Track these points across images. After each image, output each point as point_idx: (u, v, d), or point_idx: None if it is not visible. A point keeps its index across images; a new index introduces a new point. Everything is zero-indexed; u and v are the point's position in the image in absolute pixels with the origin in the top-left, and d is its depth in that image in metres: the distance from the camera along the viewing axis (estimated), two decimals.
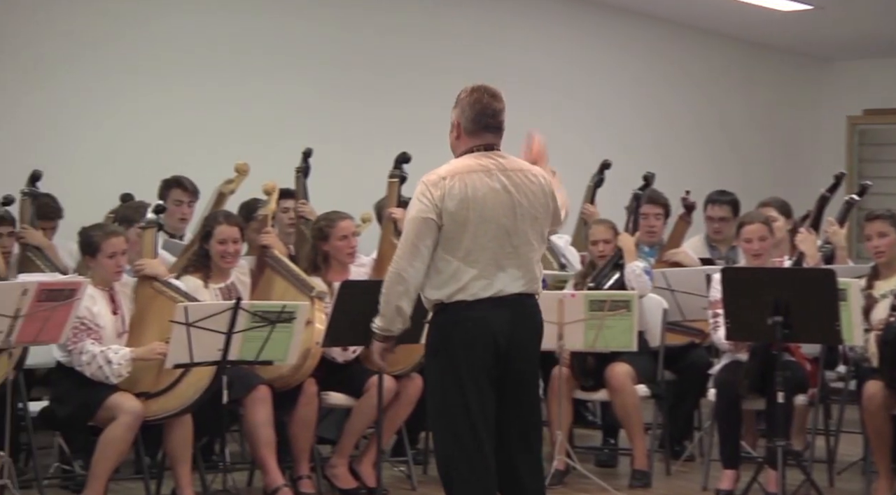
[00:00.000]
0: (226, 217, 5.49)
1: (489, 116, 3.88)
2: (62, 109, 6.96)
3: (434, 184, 3.84)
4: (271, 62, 7.69)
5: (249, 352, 4.92)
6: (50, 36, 6.95)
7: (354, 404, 5.46)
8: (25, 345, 4.75)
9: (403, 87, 8.14)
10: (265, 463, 5.20)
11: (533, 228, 3.87)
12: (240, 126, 7.45)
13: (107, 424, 4.89)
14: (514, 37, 8.77)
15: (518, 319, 3.83)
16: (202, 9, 7.53)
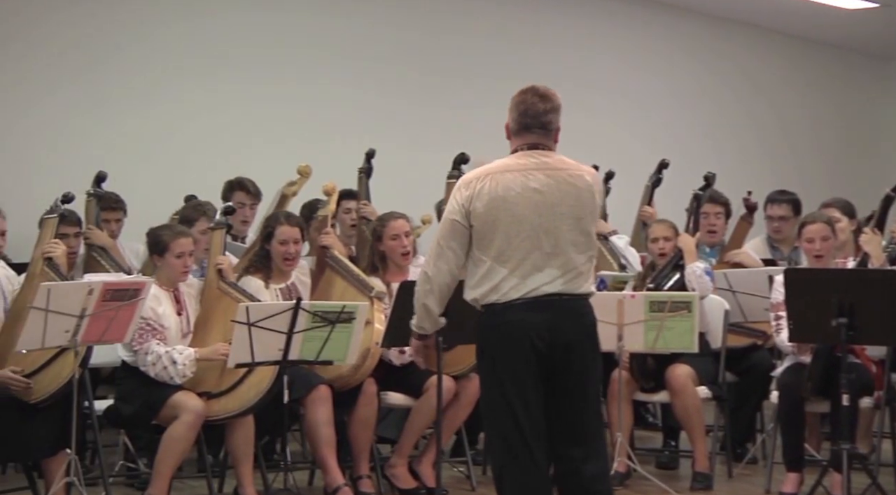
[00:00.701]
0: (287, 218, 5.53)
1: (531, 117, 3.86)
2: (127, 111, 7.08)
3: (465, 184, 3.86)
4: (335, 63, 7.76)
5: (310, 352, 4.96)
6: (113, 37, 7.08)
7: (414, 404, 5.47)
8: (91, 344, 4.83)
9: (463, 89, 8.16)
10: (326, 462, 5.23)
11: (574, 228, 3.82)
12: (303, 127, 7.53)
13: (170, 423, 4.95)
14: (571, 37, 8.75)
15: (559, 320, 3.77)
16: (272, 7, 7.61)
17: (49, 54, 6.91)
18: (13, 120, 6.82)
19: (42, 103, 6.89)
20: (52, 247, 5.05)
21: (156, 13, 7.25)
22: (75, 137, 6.93)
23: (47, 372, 4.83)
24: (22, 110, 6.85)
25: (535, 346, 3.74)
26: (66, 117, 6.94)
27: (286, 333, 4.85)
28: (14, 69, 6.85)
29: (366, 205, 6.22)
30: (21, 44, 6.87)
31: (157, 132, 7.12)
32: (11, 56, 6.84)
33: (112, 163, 6.35)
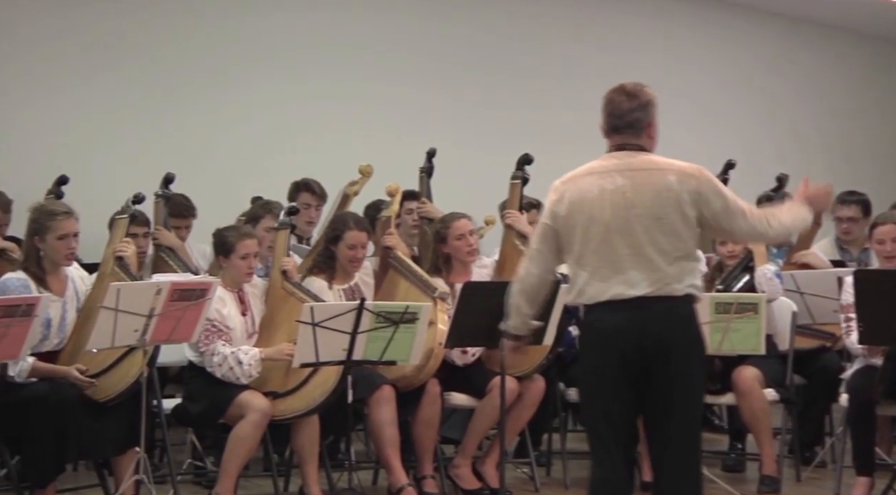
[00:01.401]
0: (356, 222, 5.55)
1: (618, 117, 3.80)
2: (194, 112, 7.19)
3: (554, 188, 3.84)
4: (398, 62, 7.79)
5: (373, 352, 4.98)
6: (179, 39, 7.19)
7: (477, 405, 5.47)
8: (159, 343, 4.90)
9: (526, 90, 8.15)
10: (389, 462, 5.26)
11: (654, 228, 3.73)
12: (366, 126, 7.58)
13: (236, 422, 5.01)
14: (631, 37, 8.69)
15: (646, 323, 3.69)
16: (335, 6, 7.68)
17: (113, 58, 7.04)
18: (82, 123, 6.95)
19: (111, 106, 7.02)
20: (124, 246, 5.13)
21: (219, 13, 7.35)
22: (144, 139, 7.05)
23: (116, 371, 4.91)
24: (91, 114, 6.98)
25: (619, 350, 3.68)
26: (135, 119, 7.06)
27: (350, 333, 4.88)
28: (84, 74, 6.98)
29: (424, 203, 6.22)
30: (87, 49, 6.99)
31: (223, 133, 7.22)
32: (81, 62, 6.97)
33: (180, 164, 6.44)
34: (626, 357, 3.70)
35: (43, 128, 6.85)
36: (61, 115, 6.92)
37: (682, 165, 3.81)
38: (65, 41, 6.97)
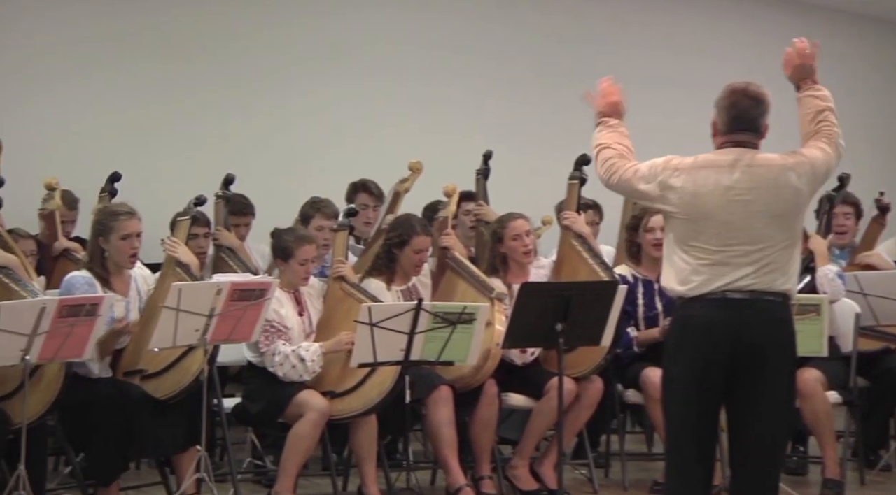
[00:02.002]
0: (423, 227, 5.56)
1: (741, 119, 3.78)
2: (253, 113, 7.27)
3: (665, 166, 3.78)
4: (455, 64, 7.81)
5: (431, 353, 4.99)
6: (238, 40, 7.28)
7: (535, 405, 5.46)
8: (219, 343, 4.95)
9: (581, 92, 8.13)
10: (447, 462, 5.26)
11: (770, 225, 3.71)
12: (422, 127, 7.61)
13: (295, 421, 5.05)
14: (687, 39, 8.62)
15: (745, 319, 3.66)
16: (393, 7, 7.72)
17: (174, 56, 7.14)
18: (143, 121, 7.05)
19: (173, 107, 7.12)
20: (170, 246, 5.20)
21: (277, 14, 7.43)
22: (204, 138, 7.14)
23: (177, 370, 4.98)
24: (154, 116, 7.08)
25: (715, 345, 3.65)
26: (195, 118, 7.16)
27: (408, 334, 4.89)
28: (147, 74, 7.09)
29: (480, 205, 6.22)
30: (148, 48, 7.10)
31: (281, 132, 7.30)
32: (143, 61, 7.08)
33: (238, 162, 6.51)
34: (723, 354, 3.65)
35: (103, 128, 6.96)
36: (122, 113, 7.03)
37: (789, 158, 3.80)
38: (125, 39, 7.07)
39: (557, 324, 4.79)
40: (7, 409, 4.70)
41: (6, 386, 4.79)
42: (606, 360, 5.47)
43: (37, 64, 6.84)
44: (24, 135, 6.38)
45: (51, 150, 6.67)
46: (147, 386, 4.96)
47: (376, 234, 6.06)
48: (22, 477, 4.50)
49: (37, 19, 6.91)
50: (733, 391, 3.68)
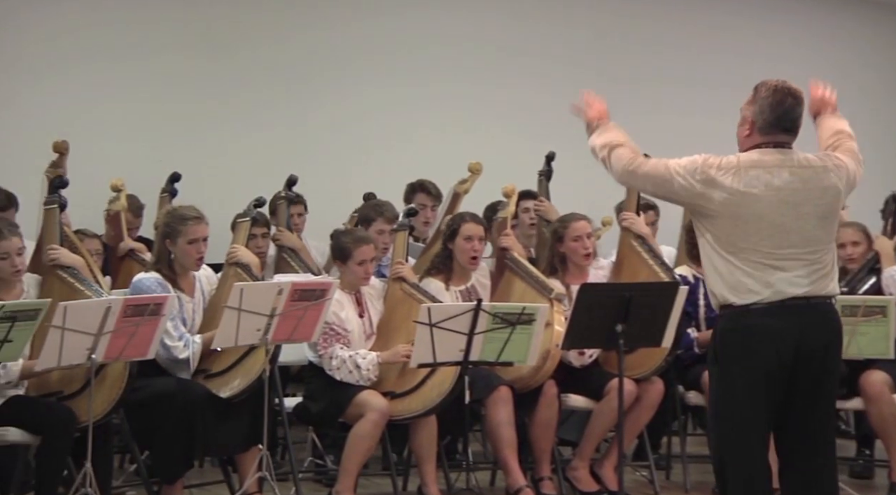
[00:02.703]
0: (472, 216, 5.60)
1: (790, 120, 3.74)
2: (309, 114, 7.33)
3: (707, 164, 3.72)
4: (517, 65, 7.82)
5: (490, 353, 4.99)
6: (297, 39, 7.34)
7: (595, 407, 5.44)
8: (281, 343, 5.00)
9: (642, 95, 8.09)
10: (507, 463, 5.26)
11: (818, 227, 3.68)
12: (483, 128, 7.62)
13: (356, 421, 5.07)
14: (756, 41, 8.52)
15: (805, 324, 3.62)
16: (456, 7, 7.74)
17: (232, 55, 7.23)
18: (204, 126, 7.14)
19: (231, 110, 7.20)
20: (233, 251, 5.26)
21: (338, 12, 7.48)
22: (262, 136, 7.22)
23: (239, 369, 5.02)
24: (211, 116, 7.17)
25: (777, 353, 3.60)
26: (251, 120, 7.23)
27: (467, 334, 4.90)
28: (206, 79, 7.18)
29: (542, 202, 6.20)
30: (206, 47, 7.18)
31: (338, 133, 7.35)
32: (201, 61, 7.17)
33: (295, 160, 6.57)
34: (783, 361, 3.61)
35: (163, 129, 7.06)
36: (181, 115, 7.12)
37: (827, 160, 3.76)
38: (182, 41, 7.17)
39: (617, 325, 4.77)
40: (74, 408, 4.78)
41: (73, 385, 4.87)
42: (667, 362, 5.43)
43: (100, 71, 6.95)
44: (89, 136, 6.48)
45: (114, 151, 6.77)
46: (210, 386, 5.02)
47: (435, 235, 6.07)
48: (88, 474, 4.58)
49: (104, 27, 7.03)
50: (792, 395, 3.64)
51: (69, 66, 6.88)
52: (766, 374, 3.62)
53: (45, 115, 6.69)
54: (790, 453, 3.72)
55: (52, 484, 4.75)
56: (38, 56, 6.82)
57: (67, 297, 4.75)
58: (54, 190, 5.18)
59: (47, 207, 5.16)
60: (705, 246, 3.75)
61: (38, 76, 6.81)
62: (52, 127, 6.27)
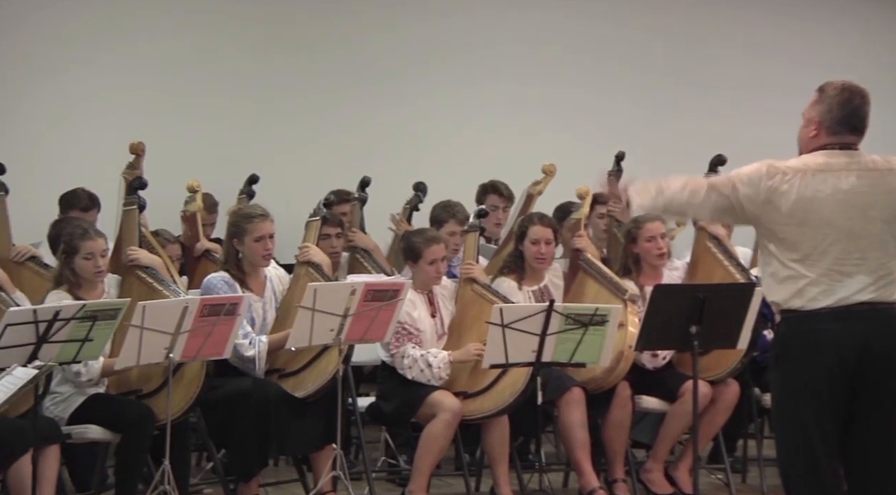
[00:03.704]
0: (540, 218, 5.59)
1: (858, 118, 3.66)
2: (383, 116, 7.38)
3: (770, 172, 3.60)
4: (588, 66, 7.80)
5: (563, 354, 4.98)
6: (363, 40, 7.40)
7: (669, 409, 5.40)
8: (354, 343, 5.03)
9: (712, 98, 8.03)
10: (580, 464, 5.24)
11: (886, 231, 3.58)
12: (554, 130, 7.60)
13: (428, 421, 5.09)
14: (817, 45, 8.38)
15: (872, 331, 3.52)
16: (524, 8, 7.73)
17: (308, 55, 7.29)
18: (278, 123, 7.22)
19: (304, 111, 7.27)
20: (304, 250, 5.30)
21: (410, 14, 7.51)
22: (337, 138, 7.28)
23: (313, 369, 5.07)
24: (285, 118, 7.25)
25: (842, 360, 3.51)
26: (325, 121, 7.30)
27: (539, 335, 4.89)
28: (279, 80, 7.25)
29: (616, 203, 6.16)
30: (279, 48, 7.26)
31: (410, 131, 7.39)
32: (276, 62, 7.24)
33: (369, 162, 6.61)
34: (849, 368, 3.52)
35: (239, 129, 7.15)
36: (257, 114, 7.20)
37: (888, 161, 3.66)
38: (257, 41, 7.25)
39: (692, 327, 4.72)
40: (152, 406, 4.86)
41: (151, 384, 4.96)
42: (742, 364, 5.37)
43: (177, 73, 7.07)
44: (166, 138, 6.59)
45: (191, 153, 6.87)
46: (285, 385, 5.07)
47: (508, 236, 6.07)
48: (167, 471, 4.66)
49: (180, 30, 7.14)
50: (856, 402, 3.55)
51: (146, 68, 7.00)
52: (828, 380, 3.53)
53: (122, 116, 6.82)
54: (855, 459, 3.63)
55: (132, 481, 4.84)
56: (114, 58, 6.94)
57: (146, 297, 4.84)
58: (133, 191, 5.28)
59: (126, 209, 5.26)
60: (767, 253, 3.66)
61: (115, 78, 6.93)
62: (129, 128, 6.39)
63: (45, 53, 6.81)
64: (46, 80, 6.78)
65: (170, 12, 7.11)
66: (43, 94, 6.78)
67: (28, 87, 6.77)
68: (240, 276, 5.13)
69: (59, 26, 6.90)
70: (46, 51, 6.81)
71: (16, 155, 5.71)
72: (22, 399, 4.21)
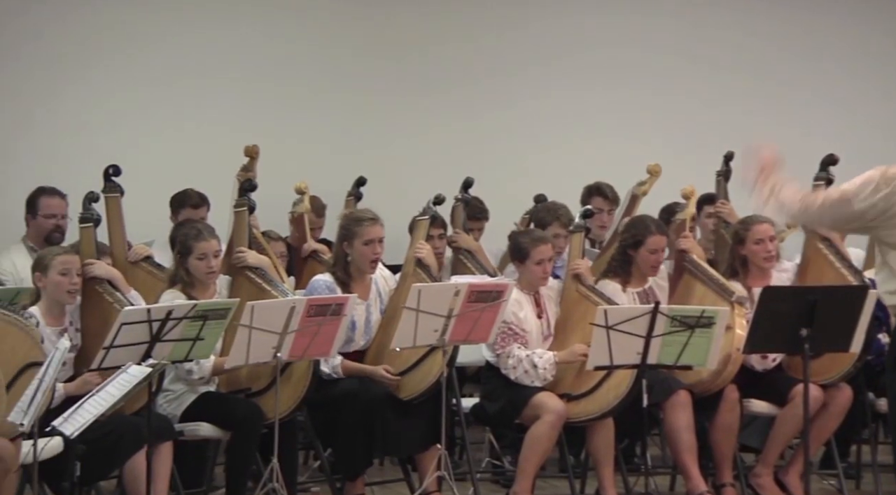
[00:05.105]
0: (658, 227, 5.50)
1: None
2: (489, 118, 7.40)
3: (886, 180, 3.61)
4: (692, 67, 7.72)
5: (668, 356, 4.92)
6: (473, 44, 7.43)
7: (778, 413, 5.30)
8: (457, 343, 5.06)
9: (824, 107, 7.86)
10: (687, 468, 5.18)
11: None
12: (660, 130, 7.53)
13: (532, 422, 5.09)
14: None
15: None
16: (628, 9, 7.68)
17: (410, 63, 7.35)
18: (389, 129, 7.29)
19: (411, 111, 7.33)
20: (419, 248, 5.35)
21: (512, 16, 7.52)
22: (441, 140, 7.33)
23: (419, 370, 5.11)
24: (396, 120, 7.32)
25: None
26: (430, 123, 7.35)
27: (644, 337, 4.85)
28: (384, 84, 7.32)
29: (724, 204, 6.07)
30: (385, 52, 7.33)
31: (515, 133, 7.40)
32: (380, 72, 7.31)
33: (471, 164, 6.62)
34: None
35: (347, 131, 7.23)
36: (365, 116, 7.28)
37: None
38: (364, 43, 7.32)
39: (802, 330, 4.64)
40: (261, 404, 4.96)
41: (259, 383, 5.06)
42: (856, 367, 5.25)
43: (289, 77, 7.19)
44: (276, 141, 6.71)
45: (300, 155, 6.98)
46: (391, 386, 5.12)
47: (612, 237, 6.03)
48: (275, 469, 4.74)
49: (291, 34, 7.26)
50: None
51: (258, 72, 7.13)
52: None
53: (236, 119, 6.96)
54: None
55: (242, 479, 4.94)
56: (229, 66, 7.09)
57: (255, 297, 4.93)
58: (244, 193, 5.40)
59: (237, 210, 5.38)
60: (888, 255, 3.58)
61: (230, 83, 7.08)
62: (240, 131, 6.53)
63: (159, 59, 6.98)
64: (162, 85, 6.96)
65: (281, 16, 7.23)
66: (157, 98, 6.96)
67: (143, 92, 6.95)
68: (345, 279, 5.19)
69: (175, 33, 7.06)
70: (159, 56, 6.98)
71: (130, 157, 5.86)
72: (136, 396, 4.32)
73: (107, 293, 4.95)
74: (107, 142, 6.65)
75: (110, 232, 5.28)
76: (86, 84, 6.83)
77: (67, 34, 6.82)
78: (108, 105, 6.85)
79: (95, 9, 6.91)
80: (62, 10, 6.83)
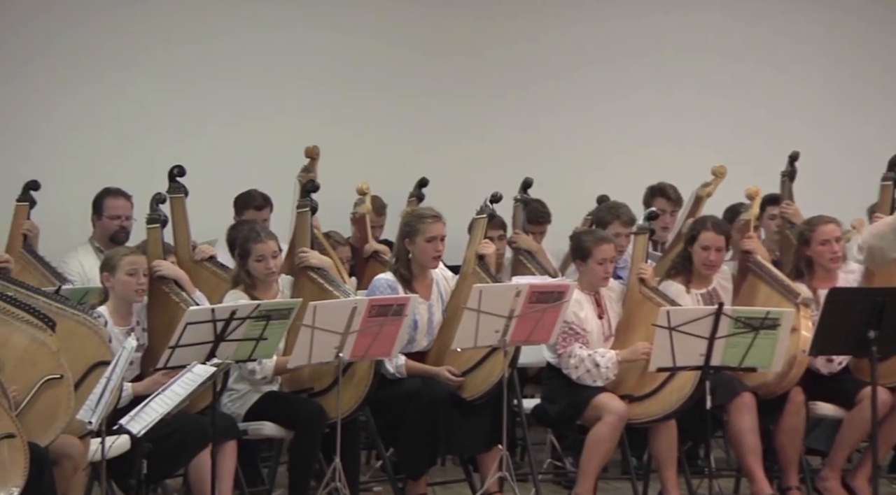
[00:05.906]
0: (714, 224, 5.46)
1: None
2: (549, 119, 7.39)
3: None
4: (757, 68, 7.64)
5: (732, 358, 4.87)
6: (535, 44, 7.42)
7: (845, 416, 5.22)
8: (518, 344, 5.05)
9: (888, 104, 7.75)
10: (751, 471, 5.13)
11: None
12: (725, 131, 7.47)
13: (593, 423, 5.07)
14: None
15: None
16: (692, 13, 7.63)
17: (472, 66, 7.35)
18: (442, 126, 7.30)
19: (472, 113, 7.34)
20: (484, 246, 5.35)
21: (570, 18, 7.50)
22: (502, 140, 7.32)
23: (481, 371, 5.12)
24: (456, 121, 7.32)
25: None
26: (496, 123, 7.35)
27: (707, 338, 4.80)
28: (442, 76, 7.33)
29: (788, 204, 6.01)
30: (442, 51, 7.34)
31: (575, 133, 7.39)
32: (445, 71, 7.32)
33: (534, 164, 6.62)
34: None
35: (408, 132, 7.26)
36: (425, 117, 7.30)
37: None
38: (424, 44, 7.35)
39: (870, 331, 4.58)
40: (323, 404, 4.99)
41: (322, 382, 5.09)
42: None
43: (348, 79, 7.23)
44: (338, 142, 6.75)
45: (362, 156, 7.02)
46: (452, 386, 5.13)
47: (676, 239, 5.98)
48: (338, 469, 4.77)
49: (351, 36, 7.30)
50: None
51: (320, 74, 7.18)
52: None
53: (297, 122, 7.01)
54: None
55: (305, 478, 4.98)
56: (290, 70, 7.15)
57: (317, 297, 4.97)
58: (306, 194, 5.45)
59: (299, 211, 5.43)
60: None
61: (291, 88, 7.14)
62: (301, 132, 6.58)
63: (223, 59, 7.05)
64: (225, 86, 7.03)
65: (343, 17, 7.28)
66: (220, 98, 7.03)
67: (207, 93, 7.02)
68: (407, 277, 5.21)
69: (241, 34, 7.12)
70: (223, 57, 7.05)
71: (194, 157, 5.93)
72: (201, 396, 4.37)
73: (173, 293, 5.01)
74: (170, 143, 6.73)
75: (175, 232, 5.35)
76: (151, 84, 6.92)
77: (133, 33, 6.91)
78: (172, 105, 6.93)
79: (168, 7, 7.00)
80: (137, 7, 6.93)
